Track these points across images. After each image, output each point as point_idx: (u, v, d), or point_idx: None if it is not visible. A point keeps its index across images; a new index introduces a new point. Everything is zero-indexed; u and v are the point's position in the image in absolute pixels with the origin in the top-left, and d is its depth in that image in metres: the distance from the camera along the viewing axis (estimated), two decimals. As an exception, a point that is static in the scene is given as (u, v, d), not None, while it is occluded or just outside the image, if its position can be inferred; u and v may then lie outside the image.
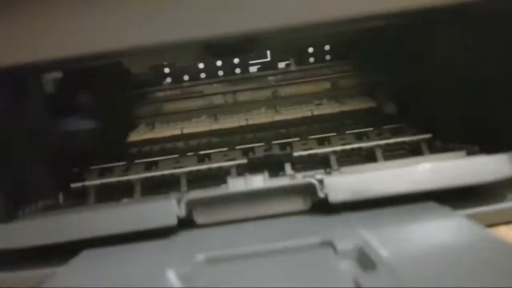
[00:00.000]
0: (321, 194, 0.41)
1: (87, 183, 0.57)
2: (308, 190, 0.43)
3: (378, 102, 0.73)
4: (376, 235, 0.35)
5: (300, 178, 0.46)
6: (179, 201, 0.42)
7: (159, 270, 0.35)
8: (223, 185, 0.50)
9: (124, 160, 0.64)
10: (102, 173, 0.61)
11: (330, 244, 0.35)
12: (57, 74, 0.58)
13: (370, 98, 0.75)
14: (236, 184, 0.43)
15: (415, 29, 0.61)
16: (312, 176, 0.44)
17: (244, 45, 0.53)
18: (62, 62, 0.49)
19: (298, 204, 0.44)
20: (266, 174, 0.44)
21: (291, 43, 0.79)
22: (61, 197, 0.57)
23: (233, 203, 0.44)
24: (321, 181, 0.41)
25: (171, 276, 0.34)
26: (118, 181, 0.57)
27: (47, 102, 0.58)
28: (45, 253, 0.42)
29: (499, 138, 0.49)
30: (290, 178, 0.46)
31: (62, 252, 0.41)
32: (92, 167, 0.63)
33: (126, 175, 0.59)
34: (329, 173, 0.44)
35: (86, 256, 0.41)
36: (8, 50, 0.41)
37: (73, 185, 0.56)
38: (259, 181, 0.43)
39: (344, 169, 0.44)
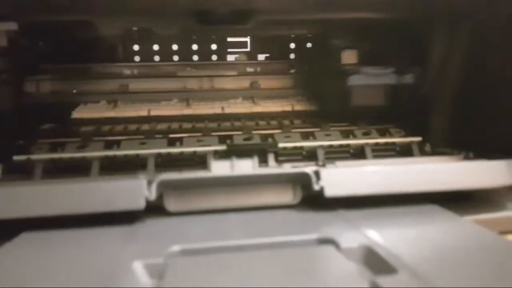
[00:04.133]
0: (316, 187, 0.36)
1: (33, 156, 0.48)
2: (301, 181, 0.38)
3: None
4: (381, 235, 0.30)
5: (289, 168, 0.41)
6: (149, 182, 0.35)
7: (123, 260, 0.28)
8: (201, 170, 0.44)
9: (79, 137, 0.56)
10: (53, 149, 0.52)
11: (330, 242, 0.30)
12: (11, 26, 0.48)
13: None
14: (220, 168, 0.37)
15: (408, 29, 0.59)
16: (303, 167, 0.39)
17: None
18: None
19: (287, 196, 0.38)
20: (256, 159, 0.38)
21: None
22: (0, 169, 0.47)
23: (213, 189, 0.37)
24: (317, 173, 0.37)
25: (138, 268, 0.27)
26: (72, 158, 0.49)
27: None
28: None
29: (488, 145, 0.47)
30: (279, 167, 0.41)
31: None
32: (41, 141, 0.54)
33: (81, 151, 0.51)
34: (323, 166, 0.39)
35: (25, 240, 0.33)
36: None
37: (16, 157, 0.47)
38: (247, 167, 0.37)
39: (339, 162, 0.40)
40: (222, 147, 0.50)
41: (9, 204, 0.33)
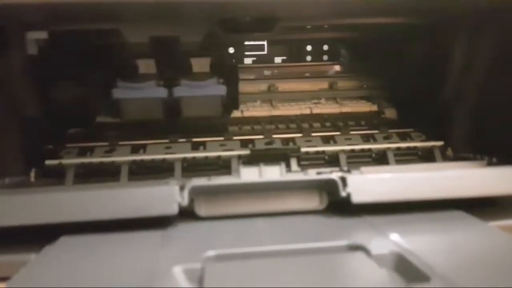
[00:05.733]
0: (343, 193, 0.37)
1: (65, 161, 0.50)
2: (327, 187, 0.38)
3: (380, 106, 0.70)
4: (410, 242, 0.31)
5: (314, 174, 0.42)
6: (182, 188, 0.37)
7: (163, 265, 0.29)
8: (227, 174, 0.45)
9: (104, 141, 0.57)
10: (82, 152, 0.54)
11: (361, 248, 0.31)
12: (42, 35, 0.50)
13: (368, 101, 0.73)
14: (249, 174, 0.38)
15: (430, 34, 0.60)
16: (329, 173, 0.40)
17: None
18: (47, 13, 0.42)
19: (314, 202, 0.39)
20: (283, 165, 0.39)
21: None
22: (33, 174, 0.49)
23: (241, 195, 0.39)
24: (343, 179, 0.37)
25: (178, 273, 0.28)
26: (101, 162, 0.50)
27: (29, 64, 0.51)
28: (12, 236, 0.35)
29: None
30: (304, 173, 0.42)
31: (33, 235, 0.35)
32: (69, 145, 0.56)
33: (110, 156, 0.52)
34: (348, 172, 0.40)
35: (65, 244, 0.34)
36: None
37: (48, 162, 0.49)
38: (275, 173, 0.38)
39: (364, 168, 0.41)
40: (246, 152, 0.51)
41: (48, 210, 0.35)
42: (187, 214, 0.38)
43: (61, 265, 0.30)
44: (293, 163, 0.50)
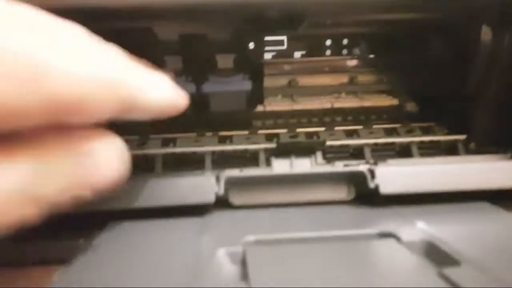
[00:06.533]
0: (371, 184, 0.39)
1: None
2: (356, 179, 0.40)
3: (401, 100, 0.71)
4: (439, 230, 0.33)
5: (341, 166, 0.44)
6: (218, 179, 0.39)
7: (207, 248, 0.31)
8: (258, 167, 0.47)
9: (134, 134, 0.60)
10: (116, 145, 0.56)
11: (392, 235, 0.32)
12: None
13: (389, 95, 0.74)
14: (281, 166, 0.40)
15: (454, 27, 0.60)
16: (357, 165, 0.42)
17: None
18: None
19: (342, 193, 0.41)
20: (313, 158, 0.41)
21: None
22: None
23: (274, 186, 0.41)
24: (372, 171, 0.39)
25: (222, 255, 0.31)
26: (136, 155, 0.53)
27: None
28: (59, 222, 0.38)
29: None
30: (332, 166, 0.43)
31: (77, 223, 0.37)
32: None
33: (143, 149, 0.55)
34: (375, 164, 0.42)
35: (115, 229, 0.37)
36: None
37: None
38: (306, 165, 0.40)
39: (391, 161, 0.42)
40: (272, 145, 0.53)
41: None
42: (221, 203, 0.40)
43: (116, 250, 0.33)
44: (319, 156, 0.52)
